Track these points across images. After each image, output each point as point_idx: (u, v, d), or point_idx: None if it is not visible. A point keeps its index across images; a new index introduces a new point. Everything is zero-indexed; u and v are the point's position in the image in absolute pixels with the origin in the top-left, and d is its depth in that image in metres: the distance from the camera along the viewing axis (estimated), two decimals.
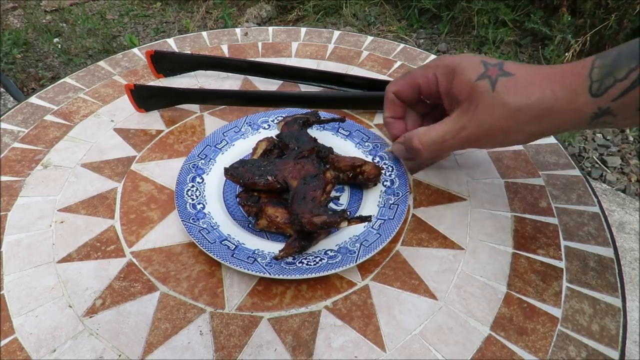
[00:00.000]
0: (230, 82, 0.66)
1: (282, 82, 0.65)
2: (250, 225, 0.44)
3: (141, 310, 0.38)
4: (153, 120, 0.58)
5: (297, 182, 0.41)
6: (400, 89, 0.44)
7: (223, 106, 0.60)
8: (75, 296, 0.39)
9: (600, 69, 0.33)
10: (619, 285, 0.41)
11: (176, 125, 0.58)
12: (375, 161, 0.50)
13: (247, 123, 0.54)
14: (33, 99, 0.62)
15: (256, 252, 0.41)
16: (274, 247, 0.41)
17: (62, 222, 0.45)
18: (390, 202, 0.45)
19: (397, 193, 0.46)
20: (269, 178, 0.42)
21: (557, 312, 0.38)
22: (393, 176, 0.48)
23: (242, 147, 0.52)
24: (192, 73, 0.67)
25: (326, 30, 0.78)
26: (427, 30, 2.20)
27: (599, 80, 0.33)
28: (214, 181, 0.48)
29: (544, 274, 0.41)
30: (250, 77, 0.66)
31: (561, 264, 0.42)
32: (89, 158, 0.53)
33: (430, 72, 0.41)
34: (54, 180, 0.50)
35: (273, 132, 0.53)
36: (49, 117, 0.59)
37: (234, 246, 0.41)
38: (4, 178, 0.50)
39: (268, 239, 0.43)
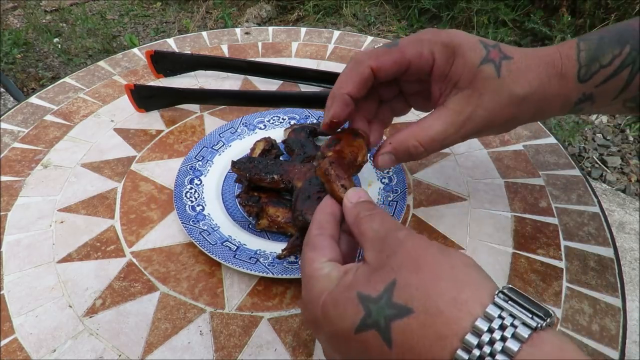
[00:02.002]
0: (230, 82, 0.66)
1: (282, 82, 0.65)
2: (250, 226, 0.44)
3: (141, 310, 0.38)
4: (153, 120, 0.58)
5: (303, 183, 0.41)
6: (382, 66, 0.34)
7: (223, 106, 0.60)
8: (75, 296, 0.39)
9: (586, 52, 0.33)
10: (619, 285, 0.41)
11: (176, 125, 0.58)
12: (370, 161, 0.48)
13: (243, 124, 0.54)
14: (33, 99, 0.62)
15: (258, 252, 0.41)
16: (275, 247, 0.41)
17: (62, 222, 0.45)
18: (389, 199, 0.45)
19: (396, 190, 0.46)
20: (275, 177, 0.42)
21: (557, 312, 0.38)
22: (391, 173, 0.48)
23: (238, 148, 0.52)
24: (192, 73, 0.67)
25: (326, 30, 0.78)
26: None
27: (586, 65, 0.33)
28: (212, 183, 0.47)
29: (544, 274, 0.41)
30: (250, 77, 0.66)
31: (561, 264, 0.42)
32: (89, 158, 0.53)
33: (426, 49, 0.34)
34: (54, 180, 0.50)
35: (269, 133, 0.53)
36: (49, 117, 0.59)
37: (236, 247, 0.41)
38: (4, 178, 0.50)
39: (269, 239, 0.43)
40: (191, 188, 0.46)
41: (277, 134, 0.53)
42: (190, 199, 0.45)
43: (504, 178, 0.51)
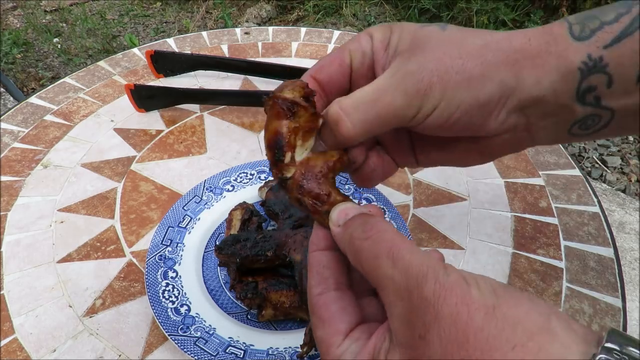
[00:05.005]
0: (230, 82, 0.66)
1: (282, 82, 0.65)
2: (249, 316, 0.38)
3: (141, 310, 0.38)
4: (153, 120, 0.58)
5: (301, 255, 0.36)
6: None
7: (223, 106, 0.60)
8: (75, 296, 0.39)
9: (577, 15, 0.26)
10: (619, 285, 0.41)
11: (176, 125, 0.58)
12: (362, 204, 0.41)
13: (207, 189, 0.46)
14: (33, 99, 0.62)
15: (270, 352, 0.34)
16: (287, 340, 0.35)
17: (62, 222, 0.45)
18: None
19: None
20: (268, 254, 0.36)
21: None
22: (388, 219, 0.43)
23: (210, 220, 0.44)
24: (192, 73, 0.67)
25: (326, 30, 0.78)
26: None
27: (579, 23, 0.25)
28: (190, 271, 0.40)
29: (544, 274, 0.41)
30: (250, 77, 0.66)
31: (561, 264, 0.42)
32: (89, 158, 0.53)
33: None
34: (54, 180, 0.50)
35: (240, 195, 0.46)
36: (49, 117, 0.59)
37: (243, 352, 0.34)
38: (4, 178, 0.50)
39: (276, 329, 0.37)
40: (167, 284, 0.38)
41: (251, 195, 0.46)
42: (170, 299, 0.37)
43: (504, 178, 0.51)
